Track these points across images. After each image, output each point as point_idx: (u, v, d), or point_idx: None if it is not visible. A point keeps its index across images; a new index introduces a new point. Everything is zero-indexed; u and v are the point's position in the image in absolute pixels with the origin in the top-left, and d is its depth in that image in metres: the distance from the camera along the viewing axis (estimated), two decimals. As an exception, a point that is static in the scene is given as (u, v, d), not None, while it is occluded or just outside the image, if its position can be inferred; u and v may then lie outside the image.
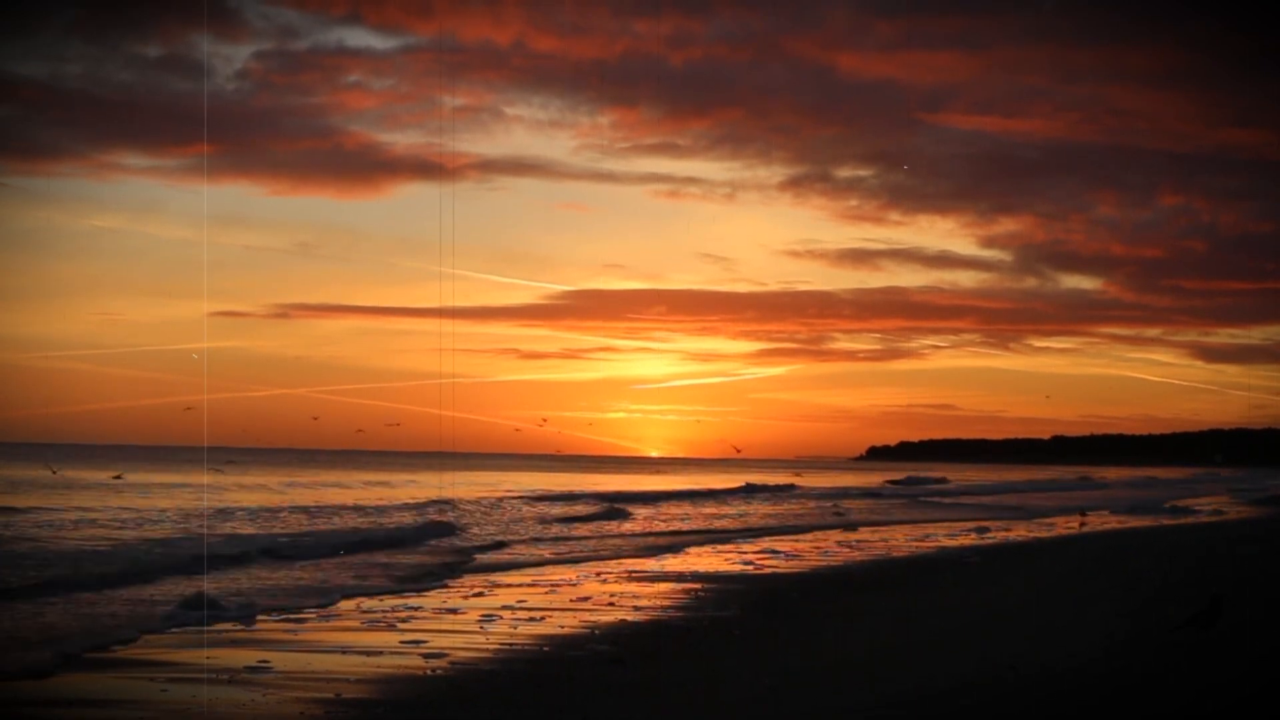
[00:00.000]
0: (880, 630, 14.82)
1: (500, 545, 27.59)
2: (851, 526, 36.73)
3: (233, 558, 22.13)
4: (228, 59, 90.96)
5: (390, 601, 17.16)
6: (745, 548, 27.70)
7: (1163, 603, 17.23)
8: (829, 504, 51.56)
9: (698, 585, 19.51)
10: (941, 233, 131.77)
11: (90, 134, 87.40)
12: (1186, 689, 11.19)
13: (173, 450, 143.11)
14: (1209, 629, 12.97)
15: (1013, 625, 15.23)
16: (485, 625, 15.02)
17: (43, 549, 22.79)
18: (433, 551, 25.14)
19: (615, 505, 46.69)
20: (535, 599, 17.60)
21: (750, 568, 22.65)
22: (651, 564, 23.62)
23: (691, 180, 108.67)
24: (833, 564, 23.85)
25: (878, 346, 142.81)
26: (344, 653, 12.94)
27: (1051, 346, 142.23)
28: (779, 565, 23.29)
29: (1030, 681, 11.37)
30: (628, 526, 35.97)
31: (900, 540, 30.58)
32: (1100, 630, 14.53)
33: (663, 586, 19.39)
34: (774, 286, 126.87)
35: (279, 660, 12.38)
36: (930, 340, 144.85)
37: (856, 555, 25.85)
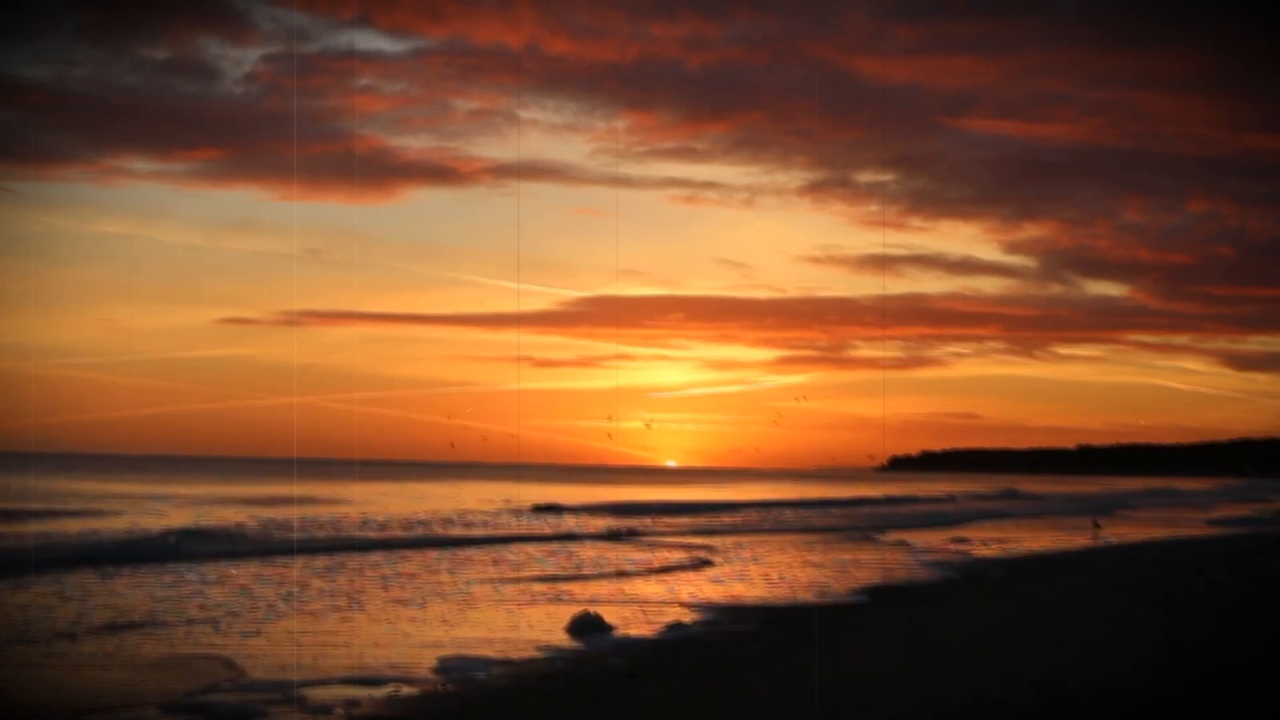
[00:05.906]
0: (899, 644, 14.59)
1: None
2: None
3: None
4: (236, 62, 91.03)
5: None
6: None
7: (1189, 616, 16.98)
8: None
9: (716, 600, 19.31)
10: (964, 238, 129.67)
11: (96, 138, 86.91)
12: (1212, 704, 10.97)
13: (178, 461, 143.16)
14: None
15: (1035, 639, 15.00)
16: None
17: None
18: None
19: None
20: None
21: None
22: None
23: (709, 185, 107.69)
24: (850, 577, 23.61)
25: (900, 354, 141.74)
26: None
27: (1077, 354, 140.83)
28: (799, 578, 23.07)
29: (1053, 697, 11.16)
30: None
31: (920, 552, 30.31)
32: (1125, 644, 14.30)
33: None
34: (793, 293, 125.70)
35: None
36: (953, 348, 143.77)
37: (873, 569, 25.60)
